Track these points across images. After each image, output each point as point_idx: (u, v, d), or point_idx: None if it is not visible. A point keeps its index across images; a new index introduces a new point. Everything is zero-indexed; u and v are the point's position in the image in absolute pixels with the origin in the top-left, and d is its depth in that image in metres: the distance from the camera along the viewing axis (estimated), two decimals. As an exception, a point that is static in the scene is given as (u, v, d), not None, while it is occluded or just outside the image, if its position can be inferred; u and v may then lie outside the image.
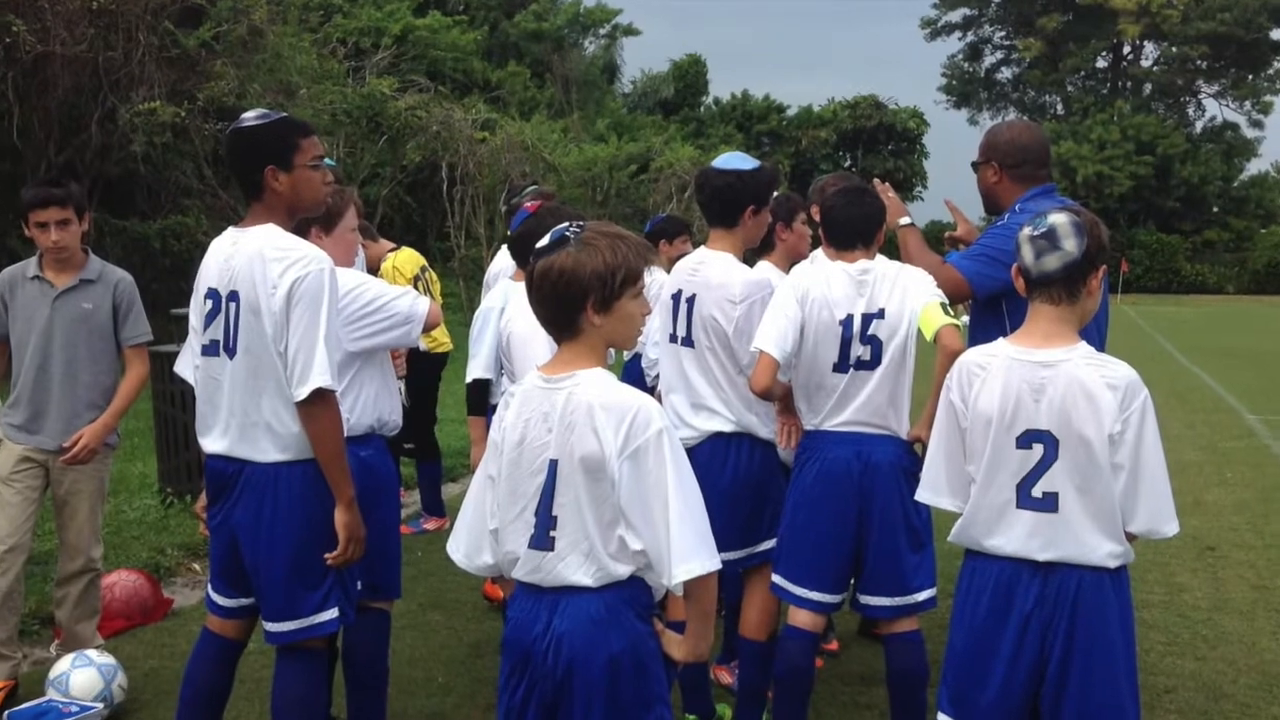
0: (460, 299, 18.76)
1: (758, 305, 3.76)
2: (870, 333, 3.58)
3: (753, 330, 3.69)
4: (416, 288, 6.14)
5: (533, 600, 2.45)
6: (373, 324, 3.51)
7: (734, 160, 3.93)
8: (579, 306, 2.38)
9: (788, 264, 4.32)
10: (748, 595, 4.00)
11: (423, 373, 6.52)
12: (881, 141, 46.79)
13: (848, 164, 45.44)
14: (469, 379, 4.36)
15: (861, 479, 3.57)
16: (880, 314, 3.57)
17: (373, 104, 18.99)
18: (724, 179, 3.87)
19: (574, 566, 2.39)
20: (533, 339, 3.63)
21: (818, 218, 3.90)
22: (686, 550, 2.31)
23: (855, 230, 3.67)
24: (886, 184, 4.04)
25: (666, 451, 2.33)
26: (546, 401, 2.42)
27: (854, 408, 3.60)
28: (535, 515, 2.41)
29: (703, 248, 4.03)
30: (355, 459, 3.29)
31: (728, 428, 3.86)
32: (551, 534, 2.39)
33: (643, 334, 2.72)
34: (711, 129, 42.57)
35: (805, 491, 3.66)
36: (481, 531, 2.54)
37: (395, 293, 3.60)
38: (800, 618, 3.71)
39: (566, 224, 2.45)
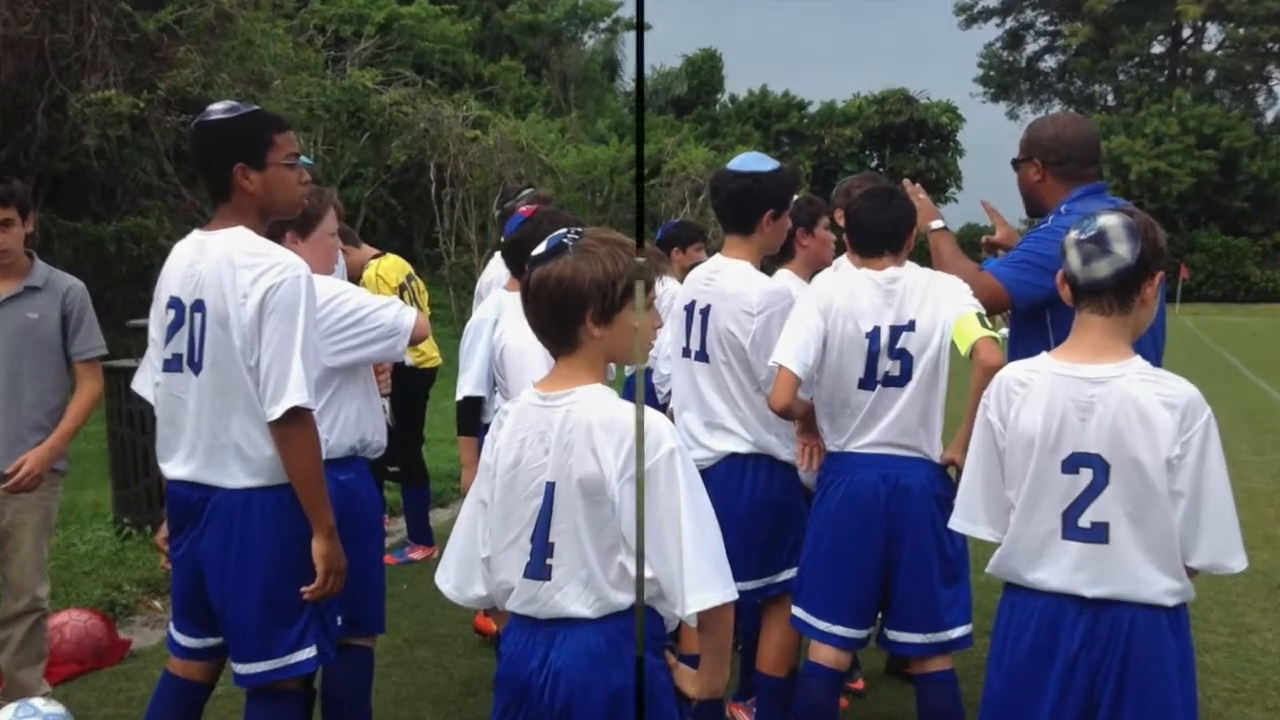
0: (450, 310, 18.79)
1: (777, 317, 3.79)
2: (899, 346, 3.60)
3: (771, 344, 3.71)
4: (402, 297, 6.17)
5: (528, 633, 2.47)
6: (354, 337, 3.54)
7: (751, 161, 3.97)
8: (577, 318, 2.42)
9: (809, 272, 4.35)
10: (766, 628, 4.03)
11: (409, 389, 6.54)
12: (912, 139, 46.84)
13: (875, 164, 45.53)
14: (459, 396, 4.39)
15: (890, 504, 3.59)
16: (910, 326, 3.60)
17: (354, 98, 19.06)
18: (740, 182, 3.91)
19: (572, 596, 2.41)
20: (528, 353, 3.66)
21: (842, 222, 3.94)
22: (701, 579, 2.34)
23: (883, 235, 3.70)
24: (917, 185, 4.07)
25: (679, 473, 2.35)
26: (543, 420, 2.45)
27: (882, 427, 3.62)
28: (531, 542, 2.44)
29: (718, 255, 4.07)
30: (335, 483, 3.30)
31: (745, 448, 3.89)
32: (548, 562, 2.42)
33: (654, 348, 2.75)
34: (727, 128, 42.70)
35: (828, 518, 3.69)
36: (473, 560, 2.57)
37: (379, 303, 3.63)
38: (823, 654, 3.73)
39: (564, 230, 2.49)
